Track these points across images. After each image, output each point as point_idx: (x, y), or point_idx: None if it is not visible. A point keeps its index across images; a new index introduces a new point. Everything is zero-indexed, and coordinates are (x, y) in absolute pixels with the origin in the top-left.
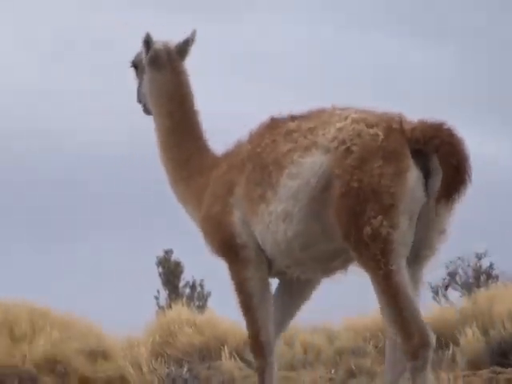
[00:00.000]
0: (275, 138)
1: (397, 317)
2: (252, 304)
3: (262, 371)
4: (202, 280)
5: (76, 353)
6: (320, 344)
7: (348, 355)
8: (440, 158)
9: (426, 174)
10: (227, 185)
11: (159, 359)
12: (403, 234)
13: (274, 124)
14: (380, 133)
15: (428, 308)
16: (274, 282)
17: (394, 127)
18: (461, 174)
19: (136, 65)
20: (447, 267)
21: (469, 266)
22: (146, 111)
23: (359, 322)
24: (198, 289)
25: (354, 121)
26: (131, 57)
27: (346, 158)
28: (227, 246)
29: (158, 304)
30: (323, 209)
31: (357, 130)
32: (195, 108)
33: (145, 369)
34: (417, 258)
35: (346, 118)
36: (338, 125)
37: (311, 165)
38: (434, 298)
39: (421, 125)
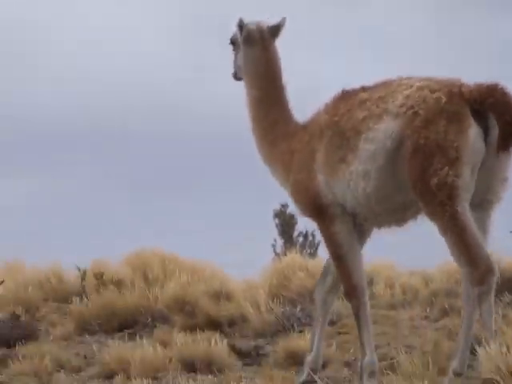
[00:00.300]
0: (350, 108)
1: (464, 251)
2: (342, 253)
3: (357, 310)
4: (313, 230)
5: (202, 294)
6: (417, 286)
7: (442, 296)
8: (495, 114)
9: (485, 130)
10: (310, 153)
11: (275, 300)
12: (466, 181)
13: (346, 95)
14: (443, 96)
15: None
16: None
17: (454, 91)
18: None
19: (233, 42)
20: None
21: None
22: (236, 78)
23: (452, 266)
24: (310, 238)
25: (419, 88)
26: (229, 35)
27: (414, 121)
28: (315, 206)
29: (274, 251)
30: (396, 166)
31: (422, 96)
32: (282, 81)
33: (263, 308)
34: (483, 203)
35: (411, 86)
36: (405, 92)
37: (385, 130)
38: None
39: (477, 87)
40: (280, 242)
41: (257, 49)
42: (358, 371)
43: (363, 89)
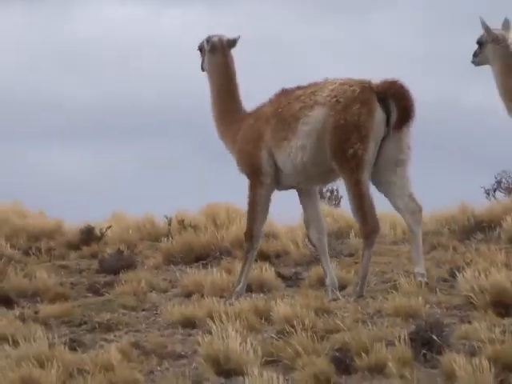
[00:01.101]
0: (290, 101)
1: (359, 211)
2: (256, 209)
3: (247, 252)
4: (337, 187)
5: None
6: None
7: (431, 234)
8: (395, 102)
9: (388, 114)
10: (256, 132)
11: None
12: (371, 155)
13: (286, 92)
14: (357, 89)
15: (482, 204)
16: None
17: (365, 85)
18: (408, 112)
19: (200, 49)
20: (495, 177)
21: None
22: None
23: (439, 212)
24: (335, 193)
25: (341, 84)
26: (198, 43)
27: (336, 106)
28: (254, 171)
29: None
30: (324, 141)
31: (342, 89)
32: (236, 80)
33: (300, 244)
34: (398, 162)
35: (335, 83)
36: (330, 87)
37: (316, 115)
38: (487, 198)
39: (382, 82)
40: None
41: (218, 55)
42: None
43: (298, 87)
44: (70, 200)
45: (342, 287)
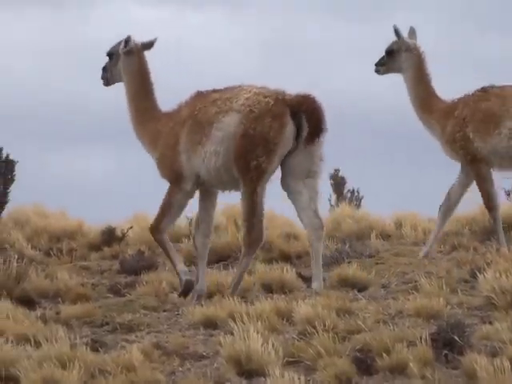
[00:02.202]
0: (205, 105)
1: (249, 219)
2: (171, 210)
3: (162, 245)
4: (358, 188)
5: (277, 235)
6: (434, 228)
7: (452, 235)
8: (306, 116)
9: (298, 127)
10: (174, 137)
11: (330, 239)
12: (273, 168)
13: (202, 95)
14: (271, 101)
15: (503, 205)
16: None
17: (279, 98)
18: (319, 127)
19: (111, 54)
20: None
21: None
22: (107, 83)
23: (459, 213)
24: (356, 194)
25: (256, 93)
26: (107, 49)
27: (249, 115)
28: (175, 176)
29: (330, 204)
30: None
31: (257, 99)
32: (151, 80)
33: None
34: (310, 174)
35: (250, 92)
36: (245, 95)
37: (229, 121)
38: (507, 199)
39: (296, 96)
40: (334, 196)
41: (134, 58)
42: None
43: (214, 90)
44: (91, 201)
45: (363, 288)
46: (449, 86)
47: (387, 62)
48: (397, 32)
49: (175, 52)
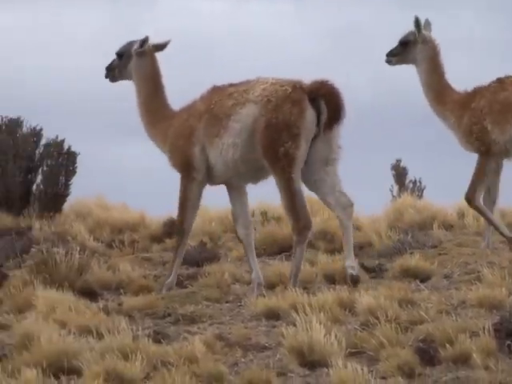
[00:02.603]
0: (221, 98)
1: (291, 208)
2: (187, 204)
3: (178, 245)
4: (420, 178)
5: (338, 227)
6: None
7: None
8: (325, 102)
9: (318, 114)
10: (189, 128)
11: (392, 230)
12: (303, 153)
13: (217, 89)
14: (288, 88)
15: None
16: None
17: (297, 85)
18: (338, 112)
19: (121, 54)
20: None
21: None
22: (113, 80)
23: None
24: (418, 184)
25: (272, 84)
26: (117, 49)
27: (268, 105)
28: (186, 167)
29: (392, 194)
30: (254, 139)
31: (274, 89)
32: (162, 81)
33: (383, 236)
34: (328, 161)
35: (266, 83)
36: (262, 86)
37: (247, 113)
38: None
39: (313, 82)
40: (395, 187)
41: (145, 59)
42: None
43: (231, 85)
44: (153, 192)
45: (426, 278)
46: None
47: (401, 53)
48: (417, 23)
49: (245, 41)
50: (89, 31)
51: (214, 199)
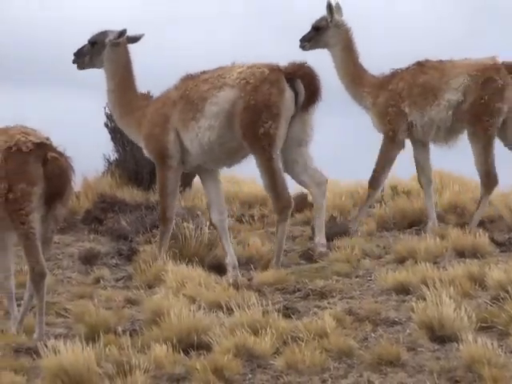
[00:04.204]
0: (197, 84)
1: (272, 187)
2: (166, 192)
3: (162, 234)
4: None
5: (469, 200)
6: None
7: None
8: (303, 83)
9: (296, 94)
10: (163, 116)
11: None
12: (282, 132)
13: (191, 76)
14: (266, 70)
15: None
16: None
17: (274, 67)
18: (316, 93)
19: (95, 42)
20: None
21: None
22: (82, 67)
23: None
24: None
25: (249, 67)
26: (90, 37)
27: (246, 87)
28: (161, 155)
29: None
30: (232, 121)
31: (251, 71)
32: (133, 72)
33: None
34: (302, 142)
35: (243, 66)
36: (239, 70)
37: (224, 96)
38: None
39: (291, 64)
40: None
41: (121, 49)
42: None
43: (204, 72)
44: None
45: None
46: None
47: (314, 38)
48: (330, 8)
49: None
50: None
51: (344, 173)
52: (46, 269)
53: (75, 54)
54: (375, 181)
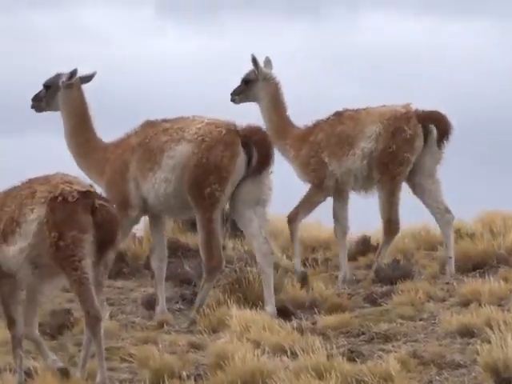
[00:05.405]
0: (157, 133)
1: (207, 246)
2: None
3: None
4: None
5: None
6: None
7: None
8: (256, 148)
9: (249, 158)
10: (123, 164)
11: None
12: (227, 196)
13: (152, 123)
14: (223, 130)
15: None
16: None
17: (231, 128)
18: (267, 159)
19: (48, 86)
20: None
21: None
22: (39, 111)
23: None
24: None
25: (208, 124)
26: (44, 81)
27: (202, 145)
28: (123, 204)
29: None
30: (185, 175)
31: (209, 129)
32: (90, 112)
33: None
34: (260, 202)
35: (202, 122)
36: (198, 125)
37: (181, 150)
38: None
39: (247, 127)
40: None
41: (74, 91)
42: None
43: (165, 120)
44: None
45: None
46: None
47: (244, 91)
48: (255, 61)
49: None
50: None
51: (409, 215)
52: (100, 312)
53: (32, 99)
54: (294, 216)
